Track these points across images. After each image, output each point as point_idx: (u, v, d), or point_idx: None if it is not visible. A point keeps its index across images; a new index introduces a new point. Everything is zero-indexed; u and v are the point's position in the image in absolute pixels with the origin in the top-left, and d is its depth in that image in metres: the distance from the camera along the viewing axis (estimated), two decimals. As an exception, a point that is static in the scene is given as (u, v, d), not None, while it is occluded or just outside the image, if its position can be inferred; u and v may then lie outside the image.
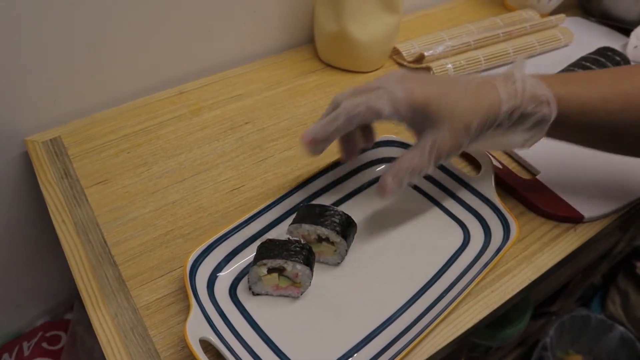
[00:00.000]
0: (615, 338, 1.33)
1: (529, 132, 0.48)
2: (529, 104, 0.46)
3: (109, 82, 0.67)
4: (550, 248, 0.55)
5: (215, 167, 0.61)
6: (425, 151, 0.45)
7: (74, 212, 0.55)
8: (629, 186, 0.60)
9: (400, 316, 0.48)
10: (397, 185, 0.46)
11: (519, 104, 0.46)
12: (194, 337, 0.41)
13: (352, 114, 0.45)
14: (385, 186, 0.46)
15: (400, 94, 0.44)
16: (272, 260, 0.45)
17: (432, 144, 0.45)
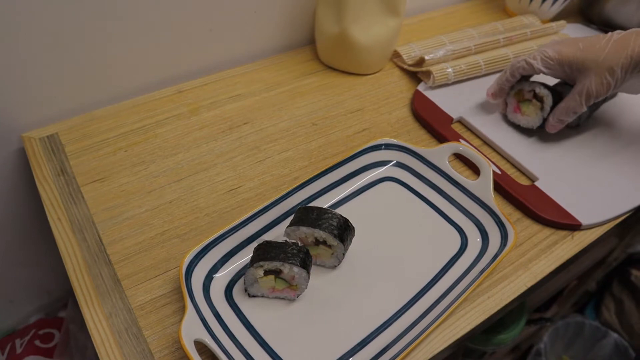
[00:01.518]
0: (609, 345, 1.33)
1: None
2: None
3: (108, 79, 0.67)
4: (547, 255, 0.55)
5: (213, 167, 0.60)
6: (577, 95, 0.59)
7: (70, 210, 0.55)
8: (627, 194, 0.60)
9: (396, 320, 0.48)
10: (558, 122, 0.63)
11: None
12: (189, 339, 0.40)
13: (514, 67, 0.63)
14: (549, 123, 0.64)
15: (551, 54, 0.60)
16: (269, 263, 0.45)
17: (581, 89, 0.59)
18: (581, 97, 0.59)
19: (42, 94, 0.62)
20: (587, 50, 0.58)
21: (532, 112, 0.65)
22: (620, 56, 0.55)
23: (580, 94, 0.59)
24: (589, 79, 0.58)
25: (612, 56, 0.56)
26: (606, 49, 0.56)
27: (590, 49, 0.57)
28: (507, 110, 0.68)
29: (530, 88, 0.64)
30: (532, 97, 0.65)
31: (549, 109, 0.63)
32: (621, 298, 1.40)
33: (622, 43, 0.56)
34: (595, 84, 0.57)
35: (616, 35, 0.57)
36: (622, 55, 0.55)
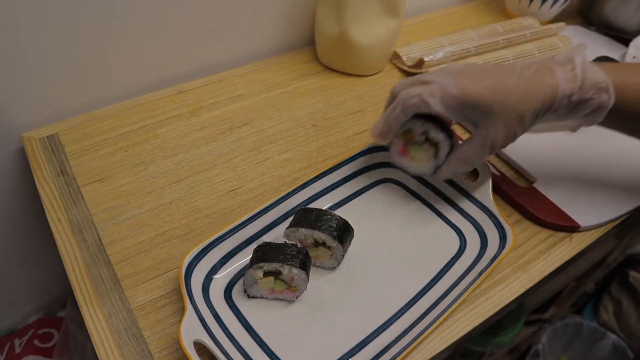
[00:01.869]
0: (608, 346, 1.33)
1: (586, 118, 0.49)
2: (588, 90, 0.46)
3: (108, 79, 0.67)
4: (545, 256, 0.55)
5: (212, 167, 0.60)
6: (480, 145, 0.49)
7: (70, 210, 0.55)
8: (626, 195, 0.61)
9: (395, 322, 0.48)
10: (452, 175, 0.53)
11: (577, 89, 0.46)
12: (188, 340, 0.40)
13: (407, 105, 0.49)
14: (441, 173, 0.53)
15: (453, 91, 0.47)
16: (268, 264, 0.45)
17: (485, 138, 0.48)
18: (484, 148, 0.49)
19: (42, 93, 0.62)
20: (495, 91, 0.46)
21: (422, 157, 0.54)
22: (532, 102, 0.46)
23: (484, 145, 0.48)
24: (494, 127, 0.47)
25: (523, 101, 0.46)
26: (517, 90, 0.46)
27: (500, 90, 0.46)
28: (391, 152, 0.56)
29: (422, 129, 0.52)
30: (424, 140, 0.53)
31: (445, 157, 0.52)
32: (619, 299, 1.41)
33: (535, 82, 0.46)
34: (503, 134, 0.47)
35: (527, 70, 0.47)
36: (534, 100, 0.46)
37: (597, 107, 0.48)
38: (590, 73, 0.47)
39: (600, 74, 0.47)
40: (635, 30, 0.87)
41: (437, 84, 0.47)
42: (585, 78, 0.46)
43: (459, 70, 0.48)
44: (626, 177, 0.63)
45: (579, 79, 0.46)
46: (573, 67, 0.47)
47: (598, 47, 0.87)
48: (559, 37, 0.84)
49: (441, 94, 0.47)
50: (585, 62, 0.47)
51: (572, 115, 0.49)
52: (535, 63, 0.48)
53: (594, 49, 0.84)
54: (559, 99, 0.46)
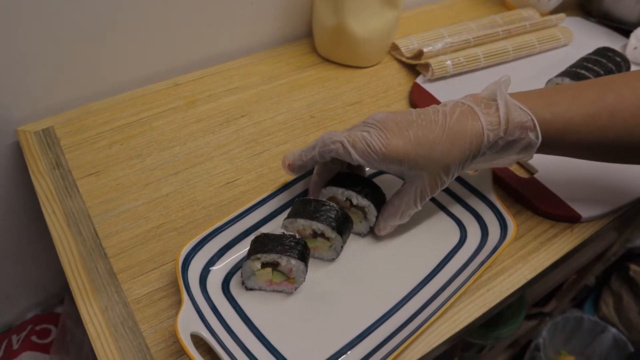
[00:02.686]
0: (608, 339, 1.33)
1: (517, 155, 0.48)
2: (514, 131, 0.46)
3: (104, 72, 0.66)
4: (547, 247, 0.55)
5: (209, 160, 0.60)
6: (410, 198, 0.48)
7: (65, 204, 0.54)
8: (627, 186, 0.60)
9: (395, 314, 0.47)
10: (390, 228, 0.51)
11: (503, 133, 0.45)
12: (185, 332, 0.40)
13: (326, 147, 0.47)
14: (379, 230, 0.52)
15: (375, 146, 0.45)
16: (266, 255, 0.44)
17: (415, 190, 0.48)
18: (416, 198, 0.48)
19: (37, 87, 0.62)
20: (419, 144, 0.45)
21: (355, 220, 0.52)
22: (457, 152, 0.45)
23: (415, 197, 0.48)
24: (421, 179, 0.47)
25: (447, 152, 0.45)
26: (441, 141, 0.45)
27: (424, 143, 0.45)
28: None
29: (345, 197, 0.51)
30: (349, 206, 0.51)
31: (375, 218, 0.52)
32: (620, 293, 1.41)
33: (459, 131, 0.45)
34: (430, 184, 0.47)
35: (451, 117, 0.46)
36: (458, 150, 0.45)
37: (525, 145, 0.47)
38: (514, 114, 0.45)
39: (524, 113, 0.46)
40: (636, 21, 0.87)
41: (364, 133, 0.46)
42: (510, 120, 0.45)
43: (383, 122, 0.46)
44: (628, 167, 0.62)
45: (503, 121, 0.45)
46: (497, 109, 0.46)
47: (598, 38, 0.86)
48: (558, 28, 0.83)
49: (363, 146, 0.45)
50: (508, 101, 0.46)
51: (502, 156, 0.48)
52: (459, 106, 0.47)
53: (594, 41, 0.84)
54: (484, 145, 0.46)
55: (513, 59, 0.78)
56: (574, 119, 0.47)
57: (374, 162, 0.46)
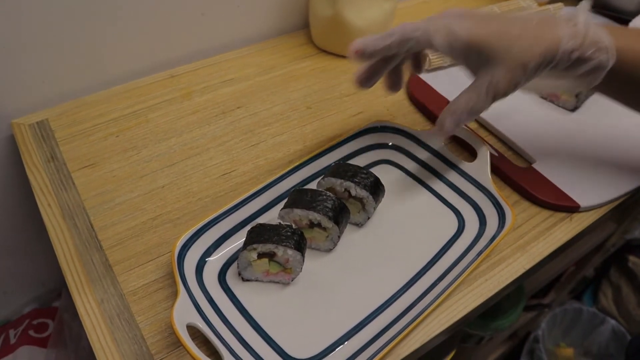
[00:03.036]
0: (607, 331, 1.33)
1: (584, 78, 0.48)
2: (589, 47, 0.46)
3: (98, 64, 0.65)
4: (545, 237, 0.54)
5: (205, 151, 0.59)
6: (482, 91, 0.46)
7: (60, 196, 0.54)
8: (626, 175, 0.60)
9: (392, 304, 0.47)
10: (454, 125, 0.48)
11: (579, 45, 0.45)
12: (181, 323, 0.40)
13: (407, 35, 0.45)
14: (443, 126, 0.48)
15: (458, 31, 0.44)
16: (262, 245, 0.44)
17: (488, 84, 0.46)
18: (488, 94, 0.46)
19: (31, 80, 0.61)
20: (501, 35, 0.45)
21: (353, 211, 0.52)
22: (535, 51, 0.45)
23: (487, 91, 0.46)
24: (498, 73, 0.45)
25: (528, 49, 0.44)
26: (522, 37, 0.45)
27: (505, 35, 0.45)
28: None
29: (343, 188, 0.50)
30: (347, 197, 0.51)
31: (373, 210, 0.52)
32: (619, 284, 1.40)
33: (540, 32, 0.45)
34: (506, 80, 0.45)
35: (532, 21, 0.46)
36: (538, 49, 0.45)
37: (595, 66, 0.47)
38: (592, 31, 0.46)
39: (602, 34, 0.46)
40: (634, 10, 0.86)
41: (443, 22, 0.45)
42: (587, 36, 0.46)
43: (464, 13, 0.46)
44: (626, 156, 0.62)
45: (580, 35, 0.45)
46: (576, 24, 0.46)
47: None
48: (556, 17, 0.83)
49: (446, 33, 0.45)
50: (589, 20, 0.47)
51: (571, 73, 0.48)
52: (540, 15, 0.47)
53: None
54: (560, 53, 0.45)
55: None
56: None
57: (456, 49, 0.45)
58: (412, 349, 0.45)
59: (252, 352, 0.42)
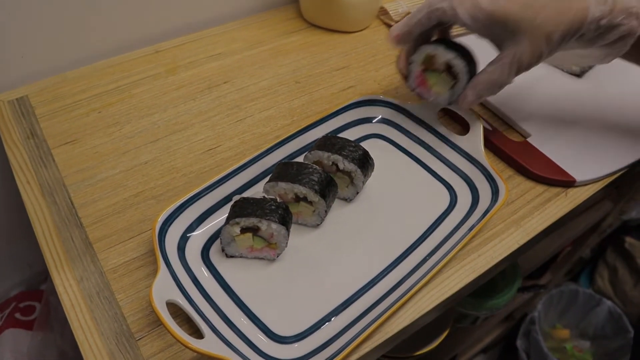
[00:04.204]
0: (603, 312, 1.33)
1: (612, 46, 0.48)
2: (618, 14, 0.45)
3: (81, 39, 0.63)
4: (540, 212, 0.53)
5: (190, 126, 0.58)
6: (506, 65, 0.47)
7: (40, 173, 0.52)
8: (622, 150, 0.58)
9: (382, 280, 0.46)
10: (477, 98, 0.50)
11: (608, 12, 0.44)
12: (160, 300, 0.38)
13: (433, 7, 0.47)
14: (465, 98, 0.50)
15: (483, 3, 0.45)
16: (245, 219, 0.43)
17: (512, 57, 0.46)
18: (511, 68, 0.47)
19: (10, 55, 0.59)
20: (526, 6, 0.44)
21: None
22: (562, 21, 0.44)
23: (511, 64, 0.46)
24: (521, 45, 0.45)
25: (553, 19, 0.44)
26: (547, 8, 0.44)
27: (530, 7, 0.44)
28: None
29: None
30: (335, 170, 0.50)
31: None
32: (615, 266, 1.40)
33: (566, 1, 0.44)
34: (530, 52, 0.46)
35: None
36: (564, 19, 0.44)
37: (624, 33, 0.46)
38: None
39: None
40: None
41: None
42: (617, 2, 0.44)
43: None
44: (623, 130, 0.60)
45: (609, 2, 0.44)
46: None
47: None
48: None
49: (471, 5, 0.45)
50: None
51: (599, 42, 0.47)
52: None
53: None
54: (588, 22, 0.44)
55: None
56: None
57: (479, 21, 0.46)
58: (402, 325, 0.44)
59: (235, 330, 0.41)
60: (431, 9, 0.47)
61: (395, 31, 0.50)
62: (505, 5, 0.45)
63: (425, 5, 0.48)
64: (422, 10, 0.48)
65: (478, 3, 0.45)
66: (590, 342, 1.37)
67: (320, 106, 0.61)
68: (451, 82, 0.51)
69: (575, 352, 1.34)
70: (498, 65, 0.47)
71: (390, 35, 0.51)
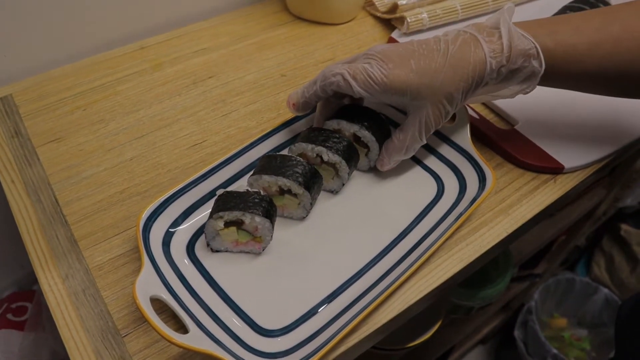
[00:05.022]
0: (600, 300, 1.33)
1: (520, 85, 0.47)
2: (517, 59, 0.45)
3: (65, 36, 0.63)
4: (528, 200, 0.53)
5: (175, 122, 0.57)
6: (415, 131, 0.47)
7: (24, 172, 0.52)
8: (611, 136, 0.58)
9: (368, 271, 0.45)
10: (394, 164, 0.50)
11: (505, 61, 0.44)
12: (144, 295, 0.38)
13: (327, 80, 0.46)
14: (383, 166, 0.50)
15: (377, 77, 0.44)
16: (228, 213, 0.42)
17: (419, 123, 0.46)
18: (420, 132, 0.47)
19: (-7, 54, 0.59)
20: (421, 73, 0.44)
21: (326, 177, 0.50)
22: (459, 80, 0.44)
23: (420, 129, 0.47)
24: (425, 109, 0.45)
25: (450, 80, 0.44)
26: (443, 69, 0.44)
27: (425, 72, 0.44)
28: None
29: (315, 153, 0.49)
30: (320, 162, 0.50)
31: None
32: (611, 254, 1.40)
33: (461, 59, 0.44)
34: (435, 114, 0.46)
35: (453, 45, 0.44)
36: (461, 78, 0.44)
37: (528, 75, 0.46)
38: (517, 41, 0.44)
39: (528, 41, 0.45)
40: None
41: (361, 66, 0.45)
42: (513, 47, 0.44)
43: (384, 52, 0.45)
44: (611, 117, 0.60)
45: (505, 49, 0.44)
46: (499, 37, 0.45)
47: None
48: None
49: (364, 77, 0.44)
50: (512, 29, 0.45)
51: (505, 86, 0.47)
52: (462, 35, 0.45)
53: None
54: (487, 73, 0.44)
55: (493, 10, 0.75)
56: (578, 47, 0.46)
57: (376, 93, 0.45)
58: (391, 316, 0.44)
59: (221, 324, 0.40)
60: (325, 82, 0.46)
61: (292, 100, 0.49)
62: (400, 75, 0.44)
63: (320, 78, 0.47)
64: (317, 82, 0.47)
65: (372, 76, 0.44)
66: (587, 331, 1.37)
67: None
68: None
69: (573, 341, 1.34)
70: (408, 132, 0.47)
71: (288, 102, 0.50)
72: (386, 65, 0.44)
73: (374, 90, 0.44)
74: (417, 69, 0.44)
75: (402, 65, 0.44)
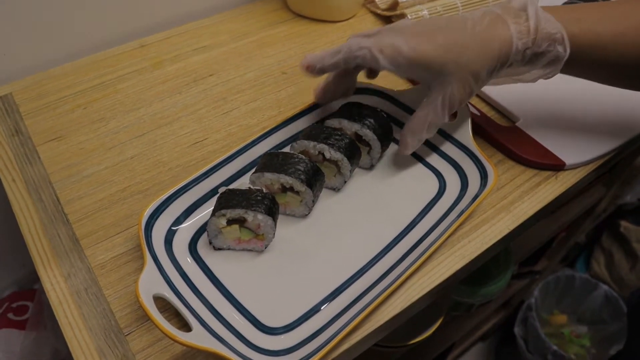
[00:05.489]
0: (600, 296, 1.33)
1: (543, 69, 0.47)
2: (542, 42, 0.44)
3: (65, 35, 0.63)
4: (530, 196, 0.53)
5: (176, 120, 0.57)
6: (438, 107, 0.46)
7: (25, 171, 0.52)
8: (612, 132, 0.58)
9: (370, 268, 0.45)
10: (416, 142, 0.49)
11: (531, 43, 0.44)
12: (147, 294, 0.38)
13: (352, 54, 0.45)
14: (407, 145, 0.49)
15: (405, 50, 0.44)
16: (231, 210, 0.42)
17: (442, 98, 0.46)
18: (443, 108, 0.46)
19: (-7, 53, 0.59)
20: (448, 49, 0.44)
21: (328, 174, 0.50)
22: (485, 58, 0.44)
23: (443, 105, 0.46)
24: (450, 86, 0.45)
25: (476, 58, 0.44)
26: (470, 47, 0.44)
27: (452, 47, 0.44)
28: None
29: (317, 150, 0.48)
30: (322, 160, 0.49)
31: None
32: (611, 250, 1.40)
33: (488, 37, 0.44)
34: (459, 91, 0.45)
35: (480, 24, 0.44)
36: (487, 56, 0.44)
37: (552, 59, 0.46)
38: (544, 24, 0.44)
39: (554, 24, 0.45)
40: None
41: (390, 39, 0.44)
42: (539, 30, 0.44)
43: (411, 27, 0.45)
44: (612, 114, 0.60)
45: (532, 31, 0.44)
46: (526, 19, 0.45)
47: None
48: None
49: (392, 51, 0.44)
50: (539, 11, 0.45)
51: (528, 69, 0.47)
52: (489, 14, 0.45)
53: None
54: (513, 54, 0.45)
55: (493, 7, 0.74)
56: (602, 36, 0.46)
57: (402, 67, 0.45)
58: (393, 313, 0.44)
59: (224, 322, 0.40)
60: (350, 55, 0.45)
61: (309, 62, 0.48)
62: (428, 50, 0.44)
63: (345, 49, 0.46)
64: (341, 52, 0.46)
65: (399, 49, 0.44)
66: (587, 327, 1.37)
67: (307, 96, 0.60)
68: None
69: (573, 338, 1.34)
70: (430, 107, 0.47)
71: (302, 62, 0.48)
72: (413, 39, 0.44)
73: (400, 65, 0.44)
74: (444, 44, 0.44)
75: (429, 40, 0.44)
